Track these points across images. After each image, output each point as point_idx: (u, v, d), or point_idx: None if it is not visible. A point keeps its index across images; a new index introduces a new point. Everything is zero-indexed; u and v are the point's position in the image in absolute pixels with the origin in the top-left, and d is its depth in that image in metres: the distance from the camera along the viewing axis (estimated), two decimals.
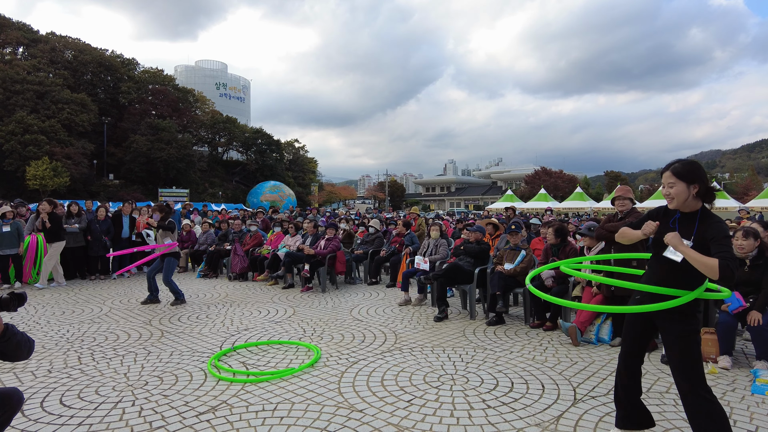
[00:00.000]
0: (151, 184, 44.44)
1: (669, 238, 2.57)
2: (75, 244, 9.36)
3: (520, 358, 4.63)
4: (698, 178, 2.60)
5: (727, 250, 2.40)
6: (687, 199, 2.62)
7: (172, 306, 7.01)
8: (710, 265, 2.37)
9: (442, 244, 7.74)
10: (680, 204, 2.64)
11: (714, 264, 2.35)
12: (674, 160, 2.72)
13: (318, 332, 5.58)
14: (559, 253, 6.00)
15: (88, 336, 5.40)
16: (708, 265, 2.38)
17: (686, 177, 2.60)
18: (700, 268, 2.42)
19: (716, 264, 2.35)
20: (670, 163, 2.71)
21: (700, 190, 2.60)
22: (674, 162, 2.69)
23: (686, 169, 2.62)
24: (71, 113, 40.36)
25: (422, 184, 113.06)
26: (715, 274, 2.35)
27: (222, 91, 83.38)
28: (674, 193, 2.62)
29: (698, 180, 2.59)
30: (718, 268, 2.34)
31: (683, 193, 2.61)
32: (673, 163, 2.69)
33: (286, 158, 61.89)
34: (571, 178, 65.69)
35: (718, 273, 2.34)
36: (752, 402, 3.60)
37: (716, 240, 2.47)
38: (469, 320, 6.21)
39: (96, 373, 4.19)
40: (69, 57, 46.94)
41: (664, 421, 3.26)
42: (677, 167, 2.64)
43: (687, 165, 2.65)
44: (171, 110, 49.85)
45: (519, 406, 3.53)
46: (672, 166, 2.66)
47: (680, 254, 2.57)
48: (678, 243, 2.53)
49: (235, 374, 4.16)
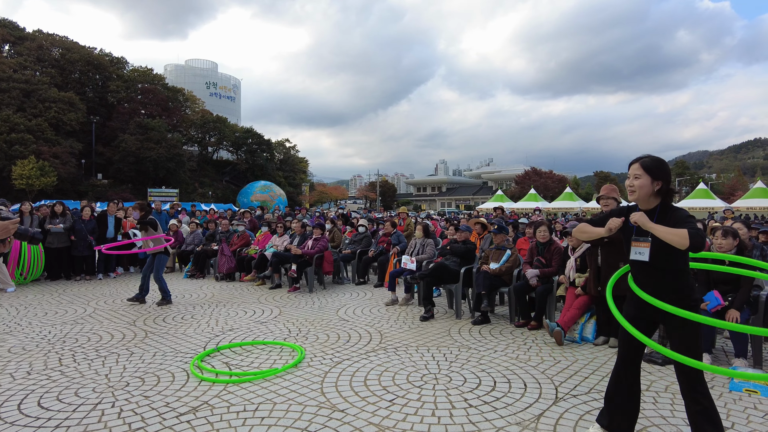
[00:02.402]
0: (141, 184, 44.08)
1: (636, 217, 2.58)
2: (59, 245, 9.27)
3: (504, 357, 4.66)
4: (663, 176, 2.64)
5: (693, 225, 2.43)
6: (648, 194, 2.65)
7: (157, 306, 6.96)
8: (680, 234, 2.39)
9: (429, 243, 7.76)
10: (641, 197, 2.67)
11: (684, 232, 2.38)
12: (645, 154, 2.74)
13: (303, 332, 5.57)
14: (544, 252, 6.04)
15: (70, 337, 5.34)
16: (678, 234, 2.40)
17: (652, 172, 2.63)
18: (671, 238, 2.42)
19: (685, 232, 2.38)
20: (641, 155, 2.73)
21: (662, 188, 2.64)
22: (645, 156, 2.72)
23: (654, 164, 2.65)
24: (59, 112, 39.94)
25: (414, 185, 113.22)
26: (686, 242, 2.37)
27: (212, 90, 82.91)
28: (637, 186, 2.66)
29: (662, 177, 2.63)
30: (688, 235, 2.36)
31: (646, 187, 2.64)
32: (643, 156, 2.71)
33: (276, 158, 61.67)
34: (561, 179, 66.14)
35: (688, 240, 2.36)
36: (729, 399, 3.65)
37: (681, 220, 2.52)
38: (455, 319, 6.23)
39: (76, 375, 4.15)
40: (56, 55, 46.43)
41: (642, 419, 3.29)
42: (646, 161, 2.67)
43: (656, 161, 2.67)
44: (160, 109, 49.49)
45: (500, 405, 3.55)
46: (642, 159, 2.69)
47: (646, 252, 2.60)
48: (645, 221, 2.54)
49: (217, 375, 4.14)
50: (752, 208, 25.64)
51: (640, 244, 2.66)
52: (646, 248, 2.62)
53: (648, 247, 2.61)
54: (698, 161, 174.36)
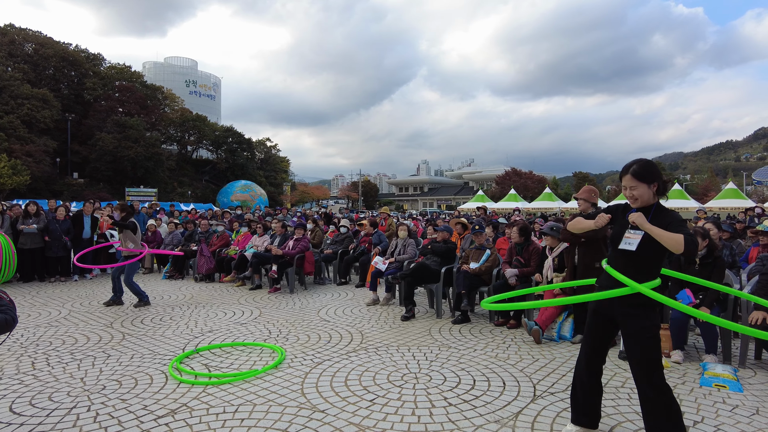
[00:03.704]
0: (118, 184, 43.23)
1: (634, 216, 2.65)
2: (33, 245, 9.05)
3: (484, 356, 4.71)
4: (657, 177, 2.72)
5: (687, 231, 2.51)
6: (650, 199, 2.73)
7: (135, 308, 6.85)
8: (676, 239, 2.46)
9: (411, 243, 7.79)
10: (644, 203, 2.74)
11: (680, 238, 2.46)
12: (631, 162, 2.79)
13: (284, 333, 5.55)
14: (522, 252, 6.13)
15: (44, 340, 5.23)
16: (674, 239, 2.47)
17: (646, 178, 2.70)
18: (666, 241, 2.50)
19: (681, 238, 2.45)
20: (627, 165, 2.78)
21: (659, 188, 2.72)
22: (632, 164, 2.76)
23: (644, 170, 2.71)
24: (32, 109, 38.91)
25: (396, 185, 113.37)
26: (681, 247, 2.44)
27: (192, 88, 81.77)
28: (637, 195, 2.72)
29: (657, 178, 2.72)
30: (683, 241, 2.44)
31: (646, 194, 2.71)
32: (630, 165, 2.76)
33: (257, 157, 61.12)
34: (541, 179, 66.94)
35: (683, 246, 2.44)
36: (700, 394, 3.76)
37: (674, 224, 2.59)
38: (435, 319, 6.27)
39: (50, 379, 4.06)
40: (29, 50, 45.20)
41: (617, 415, 3.37)
42: (636, 170, 2.72)
43: (644, 166, 2.73)
44: (139, 107, 48.59)
45: (480, 403, 3.59)
46: (631, 168, 2.74)
47: (635, 243, 2.67)
48: (643, 221, 2.61)
49: (196, 376, 4.10)
50: (724, 209, 26.35)
51: (632, 235, 2.73)
52: (636, 239, 2.70)
53: (638, 239, 2.69)
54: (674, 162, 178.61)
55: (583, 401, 2.97)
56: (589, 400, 2.96)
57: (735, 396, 3.72)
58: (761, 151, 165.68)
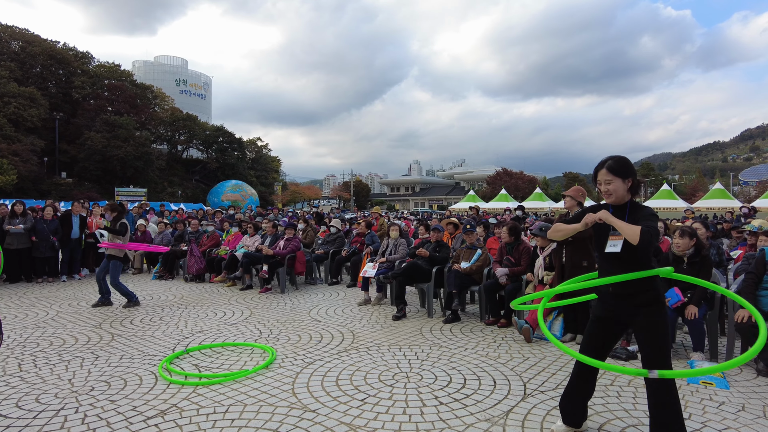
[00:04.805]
0: (108, 183, 42.80)
1: (601, 213, 2.67)
2: (20, 246, 8.94)
3: (474, 355, 4.73)
4: (631, 173, 2.75)
5: (650, 224, 2.54)
6: (624, 194, 2.75)
7: (124, 309, 6.79)
8: (633, 229, 2.50)
9: (402, 243, 7.80)
10: (618, 198, 2.76)
11: (636, 229, 2.50)
12: (606, 158, 2.81)
13: (275, 333, 5.53)
14: (513, 251, 6.16)
15: (30, 341, 5.16)
16: (631, 229, 2.51)
17: (621, 173, 2.73)
18: (626, 232, 2.54)
19: (638, 229, 2.49)
20: (603, 160, 2.80)
21: (633, 184, 2.75)
22: (607, 159, 2.79)
23: (619, 165, 2.74)
24: (18, 107, 38.41)
25: (387, 184, 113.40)
26: (636, 237, 2.48)
27: (182, 87, 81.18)
28: (612, 189, 2.74)
29: (631, 174, 2.74)
30: (639, 233, 2.47)
31: (620, 189, 2.73)
32: (606, 160, 2.79)
33: (248, 157, 60.81)
34: (531, 179, 67.35)
35: (638, 236, 2.47)
36: (687, 391, 3.80)
37: (643, 217, 2.63)
38: (426, 318, 6.28)
39: (37, 380, 4.01)
40: (16, 48, 44.61)
41: (606, 413, 3.40)
42: (611, 164, 2.74)
43: (619, 161, 2.75)
44: (128, 107, 48.15)
45: (470, 402, 3.60)
46: (606, 163, 2.76)
47: (619, 245, 2.69)
48: (607, 216, 2.64)
49: (186, 377, 4.07)
50: (712, 208, 26.69)
51: (616, 237, 2.75)
52: (620, 240, 2.71)
53: (621, 240, 2.70)
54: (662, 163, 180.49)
55: (574, 400, 2.98)
56: (578, 399, 2.98)
57: (722, 393, 3.77)
58: (747, 152, 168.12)
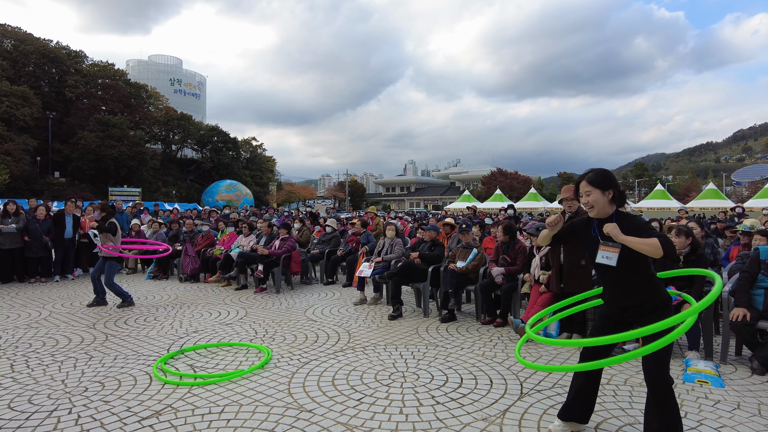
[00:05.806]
0: (101, 183, 42.56)
1: (609, 228, 2.66)
2: (12, 245, 8.86)
3: (471, 354, 4.72)
4: (611, 185, 2.75)
5: (657, 233, 2.53)
6: (605, 206, 2.76)
7: (118, 309, 6.74)
8: (653, 244, 2.48)
9: (398, 243, 7.78)
10: (599, 210, 2.77)
11: (655, 242, 2.48)
12: (588, 170, 2.85)
13: (270, 333, 5.50)
14: (509, 251, 6.16)
15: (23, 342, 5.11)
16: (651, 244, 2.49)
17: (600, 184, 2.75)
18: (644, 248, 2.51)
19: (657, 242, 2.48)
20: (584, 173, 2.85)
21: (614, 195, 2.75)
22: (588, 172, 2.83)
23: (598, 177, 2.77)
24: (11, 106, 38.13)
25: (383, 184, 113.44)
26: (659, 251, 2.46)
27: (177, 87, 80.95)
28: (592, 201, 2.76)
29: (611, 186, 2.75)
30: (660, 244, 2.46)
31: (600, 200, 2.75)
32: (587, 173, 2.83)
33: (243, 156, 60.70)
34: (526, 179, 67.55)
35: (661, 249, 2.46)
36: (683, 389, 3.82)
37: (642, 230, 2.61)
38: (422, 318, 6.27)
39: (30, 381, 3.97)
40: (8, 47, 44.29)
41: (603, 411, 3.40)
42: (591, 176, 2.78)
43: (599, 174, 2.79)
44: (122, 106, 47.94)
45: (467, 401, 3.60)
46: (586, 176, 2.81)
47: (614, 258, 2.69)
48: (617, 233, 2.62)
49: (182, 377, 4.04)
50: (705, 208, 26.88)
51: (608, 248, 2.73)
52: (615, 253, 2.70)
53: (617, 253, 2.70)
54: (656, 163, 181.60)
55: (576, 397, 2.97)
56: (582, 397, 2.97)
57: (717, 391, 3.78)
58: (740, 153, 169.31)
